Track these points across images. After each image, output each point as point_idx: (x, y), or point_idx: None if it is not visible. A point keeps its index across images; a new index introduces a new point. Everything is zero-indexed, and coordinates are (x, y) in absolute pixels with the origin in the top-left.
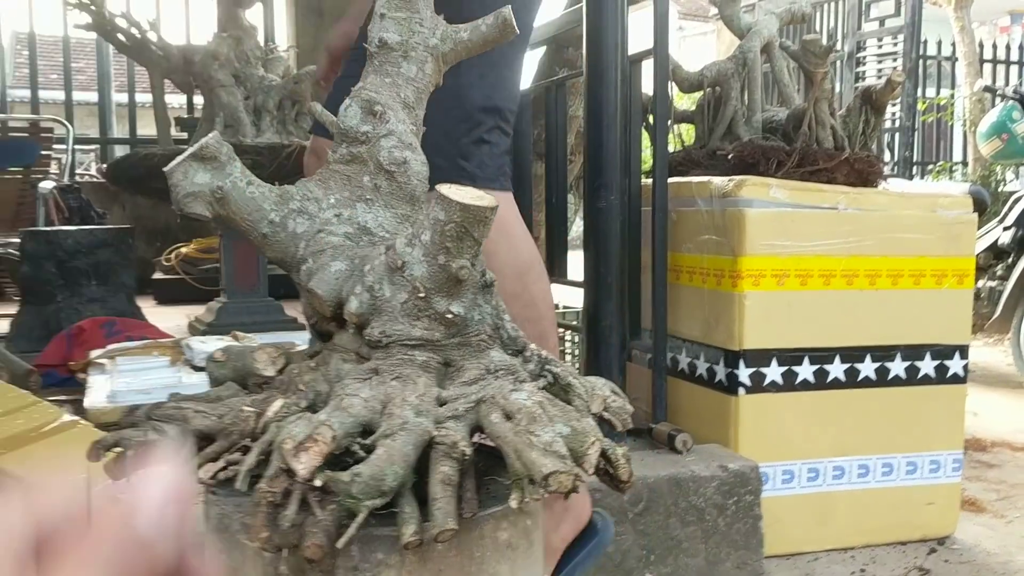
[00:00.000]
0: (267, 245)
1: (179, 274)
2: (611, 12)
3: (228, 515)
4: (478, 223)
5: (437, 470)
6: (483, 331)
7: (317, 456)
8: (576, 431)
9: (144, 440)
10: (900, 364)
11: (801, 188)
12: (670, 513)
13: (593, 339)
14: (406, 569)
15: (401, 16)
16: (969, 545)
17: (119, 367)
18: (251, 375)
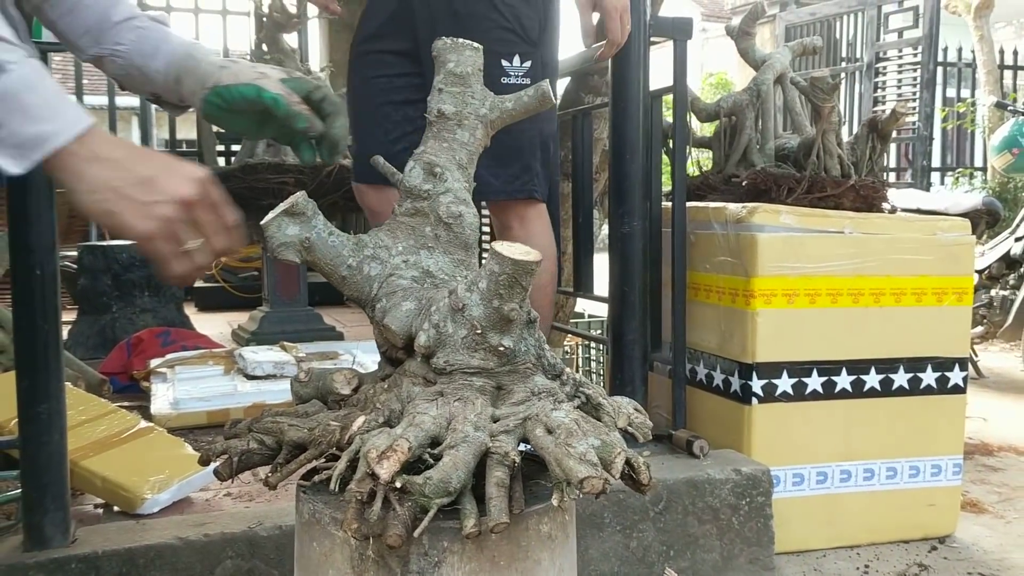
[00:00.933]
0: (346, 285)
1: (219, 282)
2: (634, 53)
3: (319, 511)
4: (525, 274)
5: (492, 474)
6: (528, 360)
7: (396, 463)
8: (605, 443)
9: (247, 449)
10: (903, 376)
11: (809, 214)
12: (688, 512)
13: (617, 351)
14: (466, 555)
15: (456, 91)
16: (968, 544)
17: (178, 376)
18: (330, 393)
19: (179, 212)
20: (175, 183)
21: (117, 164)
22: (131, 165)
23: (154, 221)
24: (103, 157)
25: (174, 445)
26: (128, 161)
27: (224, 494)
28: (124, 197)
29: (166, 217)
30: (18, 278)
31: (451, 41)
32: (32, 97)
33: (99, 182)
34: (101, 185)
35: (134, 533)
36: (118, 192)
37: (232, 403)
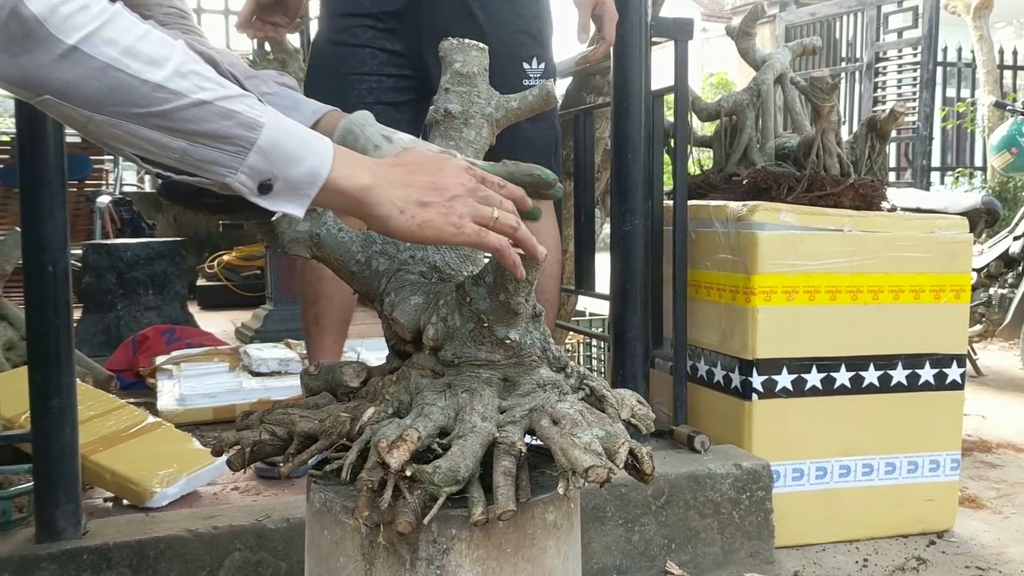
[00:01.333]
0: (354, 280)
1: (222, 280)
2: (636, 53)
3: (331, 499)
4: (531, 269)
5: (499, 464)
6: (534, 353)
7: (406, 452)
8: (609, 434)
9: (259, 440)
10: (902, 372)
11: (809, 212)
12: (689, 506)
13: (619, 348)
14: (474, 542)
15: (462, 90)
16: (966, 538)
17: (184, 372)
18: (339, 386)
19: (473, 197)
20: (450, 174)
21: (399, 179)
22: (407, 175)
23: (463, 216)
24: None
25: (182, 440)
26: (401, 170)
27: (231, 488)
28: (428, 206)
29: (469, 207)
30: (30, 275)
31: (457, 41)
32: (288, 140)
33: (401, 202)
34: (403, 204)
35: (144, 525)
36: (423, 204)
37: (238, 399)
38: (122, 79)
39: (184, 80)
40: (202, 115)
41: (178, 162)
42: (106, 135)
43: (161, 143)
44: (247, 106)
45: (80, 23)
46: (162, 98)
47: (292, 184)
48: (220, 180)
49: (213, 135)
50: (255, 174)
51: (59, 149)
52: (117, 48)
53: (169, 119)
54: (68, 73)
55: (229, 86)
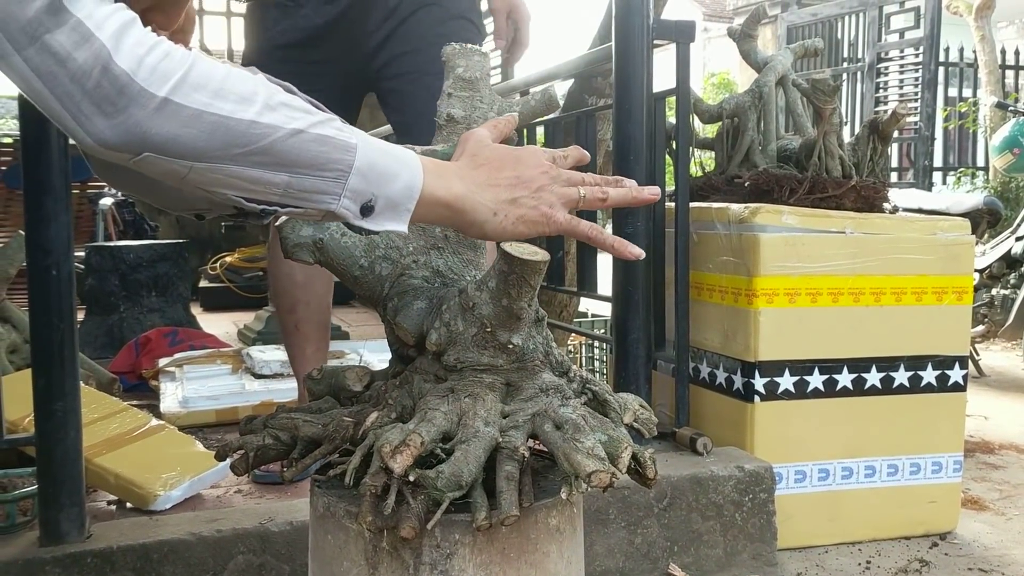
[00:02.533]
0: (358, 285)
1: (224, 282)
2: (637, 56)
3: (334, 504)
4: (534, 273)
5: (502, 469)
6: (537, 357)
7: (409, 457)
8: (612, 438)
9: (262, 444)
10: (904, 374)
11: (811, 214)
12: (692, 509)
13: (621, 350)
14: (477, 547)
15: (465, 95)
16: (969, 540)
17: (187, 375)
18: (342, 390)
19: (557, 183)
20: (530, 164)
21: (486, 181)
22: (492, 174)
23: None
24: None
25: (185, 443)
26: (485, 171)
27: (235, 491)
28: (517, 203)
29: (557, 195)
30: (34, 278)
31: (459, 46)
32: (381, 157)
33: (493, 204)
34: (496, 205)
35: (148, 529)
36: (513, 202)
37: (241, 401)
38: (218, 122)
39: (275, 113)
40: (299, 144)
41: (282, 196)
42: (207, 182)
43: (264, 180)
44: (337, 129)
45: (168, 72)
46: (259, 134)
47: (392, 202)
48: (325, 208)
49: (312, 163)
50: (357, 197)
51: (63, 152)
52: (206, 92)
53: (269, 154)
54: (165, 126)
55: (316, 112)
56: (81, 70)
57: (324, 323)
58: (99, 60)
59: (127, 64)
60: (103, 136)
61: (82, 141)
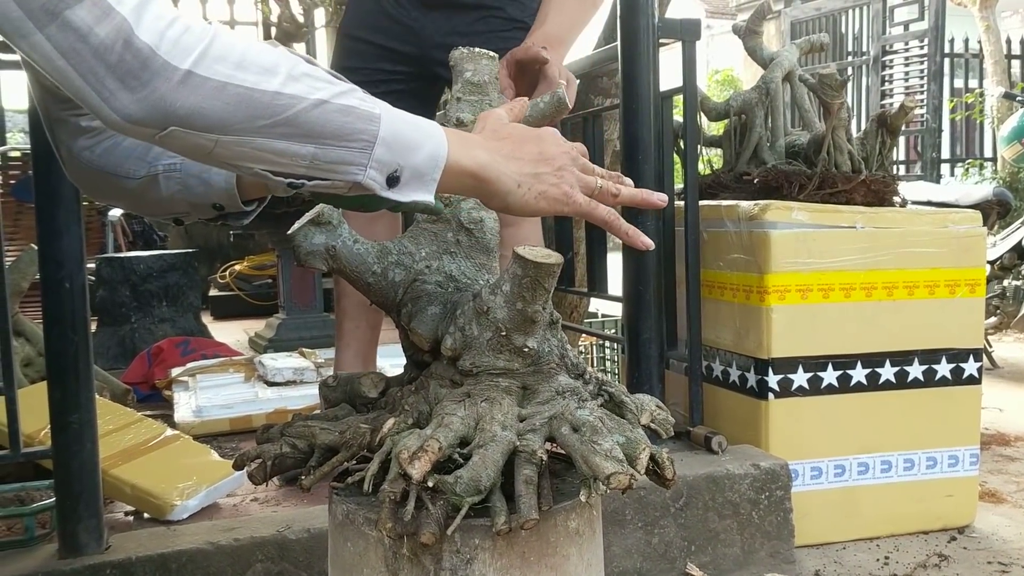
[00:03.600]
0: (371, 291)
1: (234, 290)
2: (643, 55)
3: (353, 511)
4: (548, 276)
5: (521, 473)
6: (552, 360)
7: (428, 463)
8: (630, 440)
9: (280, 453)
10: (918, 368)
11: (821, 210)
12: (708, 508)
13: (634, 350)
14: (497, 551)
15: (474, 99)
16: (987, 533)
17: (200, 384)
18: (358, 397)
19: (576, 167)
20: (554, 145)
21: (510, 153)
22: (516, 147)
23: (573, 186)
24: (496, 150)
25: (201, 452)
26: (509, 143)
27: (251, 499)
28: (540, 177)
29: (577, 177)
30: (48, 291)
31: (467, 50)
32: (405, 127)
33: (517, 175)
34: (520, 177)
35: (166, 539)
36: (536, 176)
37: (254, 410)
38: (241, 93)
39: (298, 83)
40: (324, 115)
41: (308, 168)
42: (234, 156)
43: (290, 152)
44: (360, 99)
45: (189, 45)
46: (283, 105)
47: (418, 171)
48: (352, 180)
49: (337, 134)
50: (383, 167)
51: None
52: (228, 64)
53: (294, 125)
54: (189, 98)
55: (338, 82)
56: (103, 45)
57: (363, 302)
58: (121, 34)
59: (149, 37)
60: (128, 111)
61: (107, 118)
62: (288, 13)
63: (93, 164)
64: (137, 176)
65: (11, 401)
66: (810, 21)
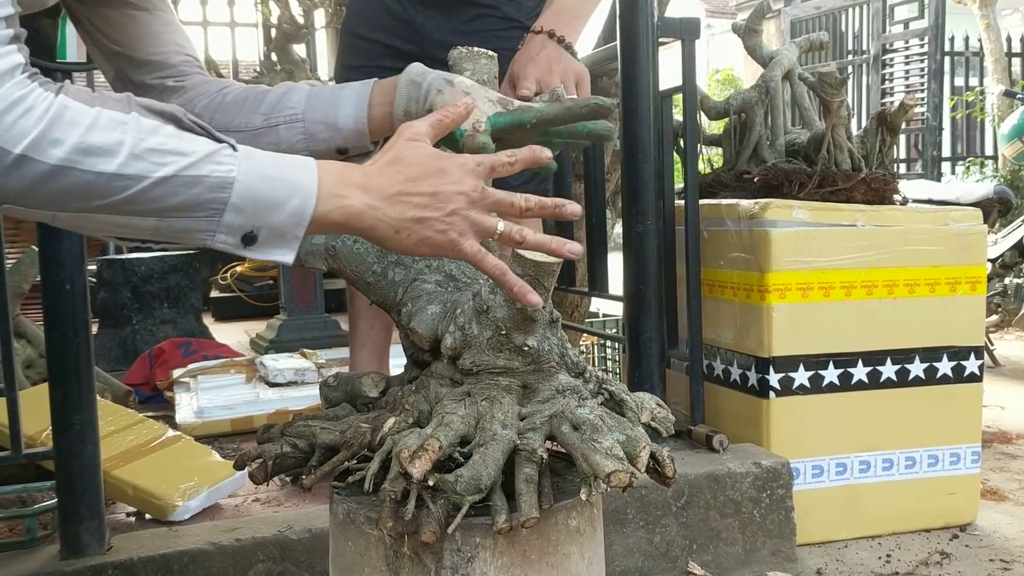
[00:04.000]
0: (371, 291)
1: (235, 291)
2: (643, 55)
3: (354, 510)
4: (547, 275)
5: (521, 471)
6: (552, 359)
7: (428, 462)
8: (630, 438)
9: (281, 452)
10: (919, 366)
11: (821, 208)
12: (710, 506)
13: (634, 349)
14: (498, 550)
15: None
16: (989, 531)
17: (201, 385)
18: (359, 396)
19: (475, 209)
20: (453, 180)
21: (396, 194)
22: (404, 187)
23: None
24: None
25: (202, 453)
26: (399, 179)
27: (252, 499)
28: (424, 223)
29: (470, 222)
30: (49, 293)
31: (467, 50)
32: (267, 185)
33: (396, 221)
34: (399, 223)
35: (168, 539)
36: (419, 221)
37: (255, 410)
38: (76, 177)
39: (141, 162)
40: (166, 191)
41: (153, 235)
42: (75, 226)
43: (132, 224)
44: (216, 164)
45: (25, 129)
46: (121, 186)
47: (276, 230)
48: (200, 244)
49: (182, 206)
50: (234, 230)
51: None
52: (65, 147)
53: (134, 203)
54: (20, 181)
55: (192, 150)
56: None
57: None
58: None
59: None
60: None
61: None
62: (288, 15)
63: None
64: (250, 128)
65: (12, 403)
66: (810, 20)
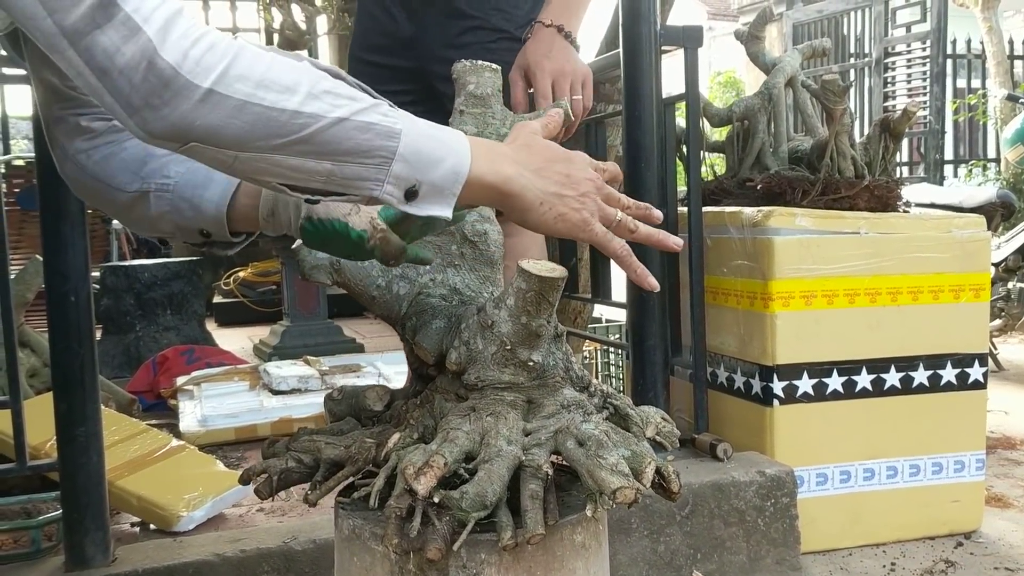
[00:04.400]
0: (375, 305)
1: (238, 297)
2: (646, 63)
3: (360, 526)
4: (552, 290)
5: (526, 487)
6: (557, 374)
7: (433, 479)
8: (635, 453)
9: (286, 468)
10: (923, 373)
11: (824, 216)
12: (714, 515)
13: (638, 357)
14: (503, 566)
15: (477, 112)
16: (994, 539)
17: (205, 393)
18: (363, 410)
19: (600, 195)
20: (582, 170)
21: (538, 169)
22: (544, 164)
23: (593, 214)
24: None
25: (206, 463)
26: (539, 159)
27: (257, 509)
28: (563, 199)
29: (594, 202)
30: (53, 304)
31: (470, 63)
32: (427, 142)
33: (541, 193)
34: (543, 195)
35: (172, 551)
36: (559, 197)
37: (259, 419)
38: (260, 112)
39: (318, 101)
40: (342, 133)
41: (325, 183)
42: (253, 170)
43: (307, 168)
44: (382, 115)
45: (212, 64)
46: (301, 124)
47: (437, 186)
48: (368, 195)
49: (355, 151)
50: (401, 182)
51: None
52: (250, 83)
53: (311, 143)
54: (209, 116)
55: (361, 97)
56: (128, 65)
57: None
58: (145, 55)
59: (172, 57)
60: (151, 127)
61: (134, 132)
62: (290, 20)
63: (87, 170)
64: (129, 190)
65: (17, 414)
66: (812, 23)
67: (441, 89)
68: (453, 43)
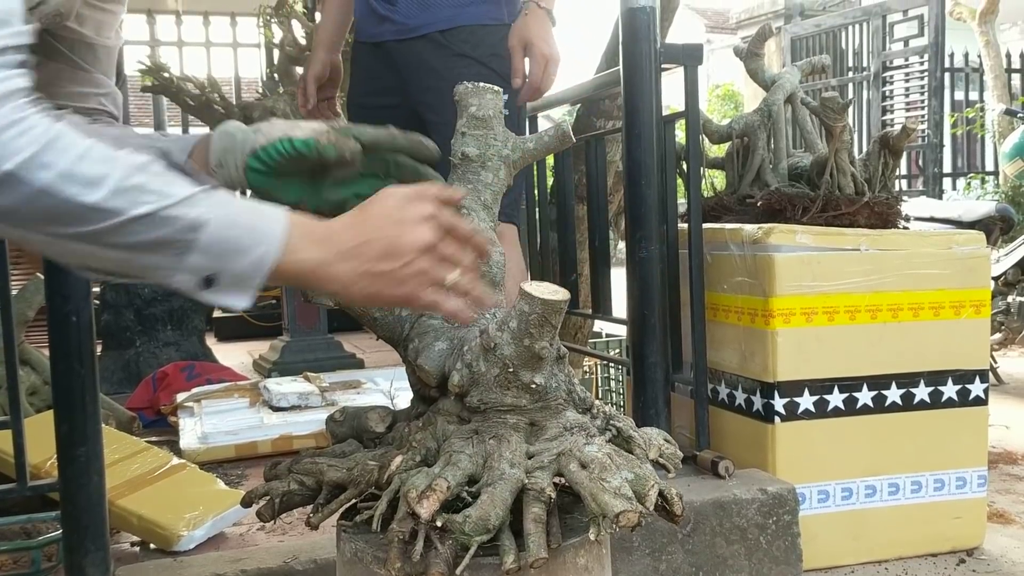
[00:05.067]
0: (377, 326)
1: (238, 312)
2: (646, 82)
3: (362, 550)
4: (555, 313)
5: (529, 511)
6: (559, 396)
7: (436, 502)
8: (638, 476)
9: (288, 490)
10: (924, 389)
11: (825, 232)
12: (716, 533)
13: (639, 373)
14: None
15: (479, 133)
16: (996, 555)
17: (205, 410)
18: (365, 432)
19: (428, 260)
20: (411, 235)
21: (352, 250)
22: (362, 241)
23: (412, 283)
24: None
25: (206, 481)
26: (356, 238)
27: (257, 529)
28: (376, 276)
29: (420, 272)
30: (55, 325)
31: (472, 85)
32: (236, 232)
33: (351, 275)
34: (353, 276)
35: (173, 571)
36: (370, 274)
37: (259, 436)
38: (56, 203)
39: (122, 197)
40: (140, 227)
41: (117, 268)
42: (45, 251)
43: (100, 255)
44: (190, 206)
45: (17, 148)
46: (98, 218)
47: (238, 276)
48: (161, 281)
49: (152, 243)
50: (197, 271)
51: None
52: (52, 172)
53: (106, 236)
54: (3, 198)
55: (173, 190)
56: None
57: None
58: None
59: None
60: None
61: None
62: (291, 36)
63: None
64: None
65: (18, 434)
66: (810, 37)
67: (427, 117)
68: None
